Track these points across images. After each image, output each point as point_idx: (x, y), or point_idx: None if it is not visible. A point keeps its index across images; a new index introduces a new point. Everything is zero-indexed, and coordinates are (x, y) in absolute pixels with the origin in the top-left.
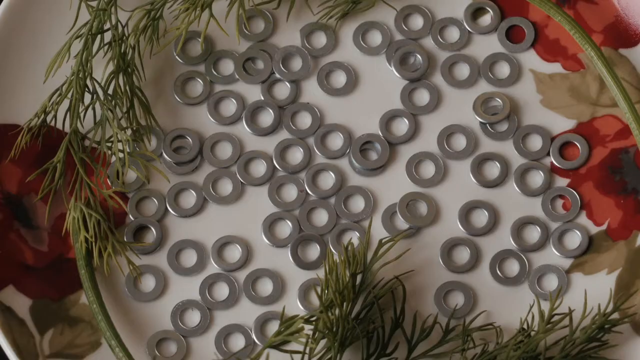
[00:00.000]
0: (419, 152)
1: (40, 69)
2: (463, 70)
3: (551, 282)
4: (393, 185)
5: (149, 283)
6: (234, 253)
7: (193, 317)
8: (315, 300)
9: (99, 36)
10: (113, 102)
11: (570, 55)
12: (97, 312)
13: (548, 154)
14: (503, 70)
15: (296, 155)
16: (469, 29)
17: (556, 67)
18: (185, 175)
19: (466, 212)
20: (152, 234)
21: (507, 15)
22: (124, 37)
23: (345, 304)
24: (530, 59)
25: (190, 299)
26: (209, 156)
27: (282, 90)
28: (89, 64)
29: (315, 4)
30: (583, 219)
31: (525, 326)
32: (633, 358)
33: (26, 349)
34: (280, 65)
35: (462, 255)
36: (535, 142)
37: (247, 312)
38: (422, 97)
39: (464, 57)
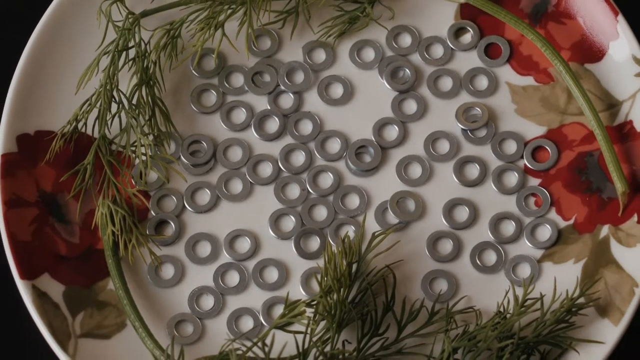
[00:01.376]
0: (407, 155)
1: (72, 81)
2: (446, 83)
3: (524, 271)
4: (384, 184)
5: (168, 271)
6: (244, 244)
7: (207, 302)
8: (315, 287)
9: (124, 52)
10: (137, 111)
11: (542, 70)
12: (123, 297)
13: (522, 157)
14: (482, 82)
15: (299, 158)
16: (451, 46)
17: (529, 80)
18: (201, 175)
19: (449, 209)
20: (171, 228)
21: (486, 34)
22: (147, 54)
23: (342, 289)
24: (506, 73)
25: (205, 285)
26: (222, 159)
27: (286, 101)
28: (115, 77)
29: (316, 24)
30: (553, 215)
31: (501, 309)
32: (597, 337)
33: (60, 330)
34: (285, 78)
35: (446, 246)
36: (511, 147)
37: (255, 297)
38: (410, 106)
39: (447, 71)
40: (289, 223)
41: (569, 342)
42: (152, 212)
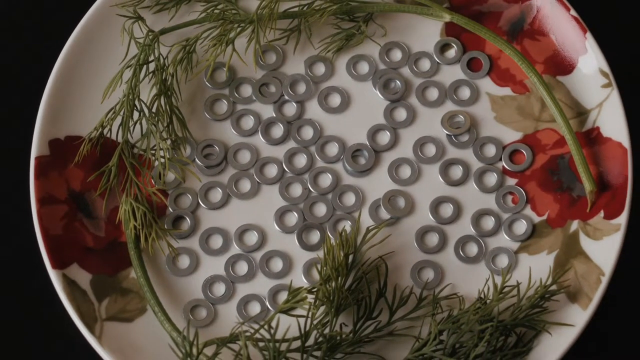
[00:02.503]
0: (398, 157)
1: (99, 92)
2: (433, 93)
3: (503, 261)
4: (377, 184)
5: (184, 261)
6: (252, 237)
7: (219, 289)
8: (316, 275)
9: (145, 66)
10: (156, 119)
11: (518, 81)
12: (143, 285)
13: (500, 160)
14: (464, 93)
15: (301, 160)
16: (437, 60)
17: (507, 91)
18: (213, 176)
19: (435, 205)
20: (186, 223)
21: (468, 50)
22: (165, 67)
23: (339, 278)
24: (486, 84)
25: (217, 274)
26: (232, 161)
27: (290, 109)
28: (137, 88)
29: (316, 40)
30: (528, 211)
31: (482, 296)
32: (567, 321)
33: (87, 314)
34: (288, 89)
35: (432, 239)
36: (490, 150)
37: (262, 285)
38: (401, 114)
39: (433, 82)
40: (292, 218)
41: (542, 325)
42: (169, 208)
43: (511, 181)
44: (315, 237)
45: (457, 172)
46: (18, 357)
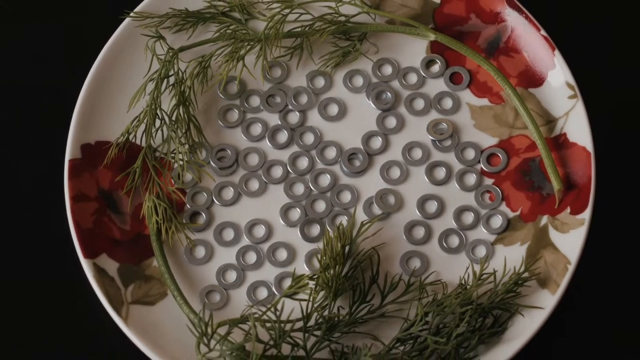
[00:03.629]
0: (388, 160)
1: (125, 102)
2: (419, 104)
3: (481, 251)
4: (371, 183)
5: (200, 251)
6: (260, 230)
7: (231, 275)
8: (316, 264)
9: (165, 79)
10: (175, 126)
11: (495, 93)
12: (164, 272)
13: (479, 162)
14: (447, 103)
15: (303, 163)
16: (423, 74)
17: (484, 101)
18: (226, 176)
19: (422, 202)
20: (202, 218)
21: (450, 65)
22: (183, 80)
23: (337, 266)
24: (466, 96)
25: (229, 263)
26: (243, 163)
27: (293, 117)
28: (158, 99)
29: (317, 57)
30: (503, 207)
31: (463, 282)
32: (538, 304)
33: (115, 298)
34: (292, 99)
35: (419, 232)
36: (470, 154)
37: (268, 272)
38: (391, 122)
39: (420, 94)
40: (295, 214)
41: (516, 307)
42: (187, 205)
43: (488, 181)
44: (315, 230)
45: (440, 173)
46: (53, 336)
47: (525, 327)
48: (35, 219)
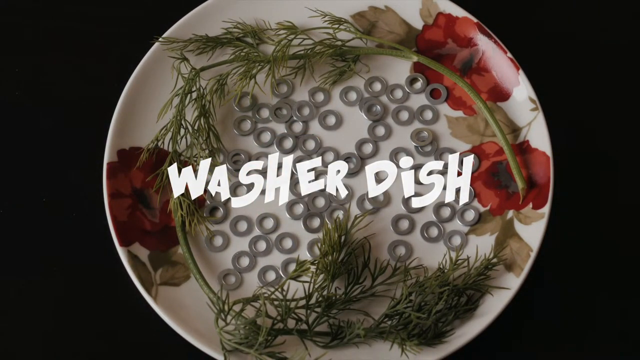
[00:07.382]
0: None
1: (154, 113)
2: (404, 115)
3: (456, 241)
4: (363, 183)
5: (218, 240)
6: (269, 223)
7: (245, 261)
8: (317, 251)
9: (189, 94)
10: (197, 134)
11: (468, 106)
12: (188, 258)
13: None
14: (428, 115)
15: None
16: (408, 90)
17: (459, 113)
18: (240, 177)
19: (407, 199)
20: (220, 212)
21: (431, 82)
22: (204, 95)
23: (334, 253)
24: (444, 109)
25: (243, 250)
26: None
27: (297, 127)
28: (183, 111)
29: (317, 75)
30: (475, 203)
31: (441, 267)
32: (505, 285)
33: (146, 280)
34: (296, 111)
35: (404, 224)
36: (447, 158)
37: (276, 258)
38: (380, 130)
39: (405, 107)
40: (299, 209)
41: (486, 288)
42: (207, 201)
43: None
44: (316, 222)
45: (422, 173)
46: (91, 315)
47: (494, 304)
48: (79, 213)
